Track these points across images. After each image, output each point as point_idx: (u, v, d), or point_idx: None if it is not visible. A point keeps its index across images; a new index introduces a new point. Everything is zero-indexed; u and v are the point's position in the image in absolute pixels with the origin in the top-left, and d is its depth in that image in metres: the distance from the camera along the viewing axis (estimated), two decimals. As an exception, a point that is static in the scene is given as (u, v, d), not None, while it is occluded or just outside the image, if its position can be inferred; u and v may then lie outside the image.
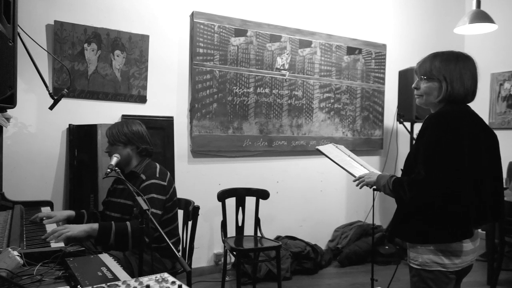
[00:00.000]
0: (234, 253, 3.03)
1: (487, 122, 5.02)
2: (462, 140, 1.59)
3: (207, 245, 3.80)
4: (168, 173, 2.42)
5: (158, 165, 2.40)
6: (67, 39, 3.14)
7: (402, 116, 4.01)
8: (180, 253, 2.54)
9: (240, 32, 3.82)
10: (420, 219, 1.64)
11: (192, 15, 3.62)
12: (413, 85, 1.79)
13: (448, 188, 1.57)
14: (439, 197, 1.57)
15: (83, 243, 2.10)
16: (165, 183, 2.33)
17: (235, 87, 3.82)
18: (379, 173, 1.89)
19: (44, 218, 2.19)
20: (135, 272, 2.06)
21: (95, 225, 2.10)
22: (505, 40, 4.96)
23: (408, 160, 1.75)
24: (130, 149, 2.36)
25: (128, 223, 2.14)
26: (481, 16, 3.64)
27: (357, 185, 1.97)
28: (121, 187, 2.39)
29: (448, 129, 1.60)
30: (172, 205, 2.42)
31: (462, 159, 1.58)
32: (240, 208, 3.33)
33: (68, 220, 2.31)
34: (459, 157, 1.58)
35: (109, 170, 1.99)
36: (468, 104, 1.75)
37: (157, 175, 2.32)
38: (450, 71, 1.65)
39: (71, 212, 2.36)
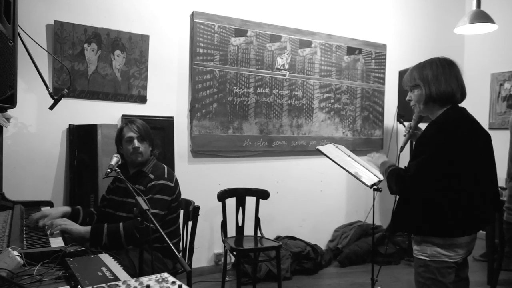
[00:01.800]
0: (234, 253, 3.03)
1: (487, 122, 5.08)
2: (459, 145, 1.71)
3: (207, 245, 3.80)
4: (175, 174, 2.45)
5: (165, 166, 2.44)
6: (67, 39, 3.14)
7: (402, 116, 4.01)
8: (180, 253, 2.55)
9: (240, 32, 3.82)
10: (419, 213, 1.75)
11: (192, 15, 3.62)
12: (407, 98, 1.93)
13: (433, 189, 1.70)
14: (424, 194, 1.71)
15: (82, 244, 2.10)
16: (173, 184, 2.37)
17: (235, 87, 3.82)
18: (386, 159, 2.01)
19: (39, 220, 2.12)
20: (136, 271, 2.06)
21: (89, 228, 2.12)
22: (505, 40, 4.96)
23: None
24: (149, 146, 2.41)
25: (120, 223, 2.16)
26: (481, 16, 3.63)
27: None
28: (125, 186, 2.39)
29: (446, 136, 1.71)
30: (177, 205, 2.46)
31: (456, 163, 1.70)
32: (240, 208, 3.33)
33: (64, 217, 2.29)
34: (452, 161, 1.70)
35: (109, 170, 2.00)
36: (465, 107, 1.85)
37: (166, 176, 2.36)
38: (425, 76, 1.81)
39: (67, 209, 2.34)
